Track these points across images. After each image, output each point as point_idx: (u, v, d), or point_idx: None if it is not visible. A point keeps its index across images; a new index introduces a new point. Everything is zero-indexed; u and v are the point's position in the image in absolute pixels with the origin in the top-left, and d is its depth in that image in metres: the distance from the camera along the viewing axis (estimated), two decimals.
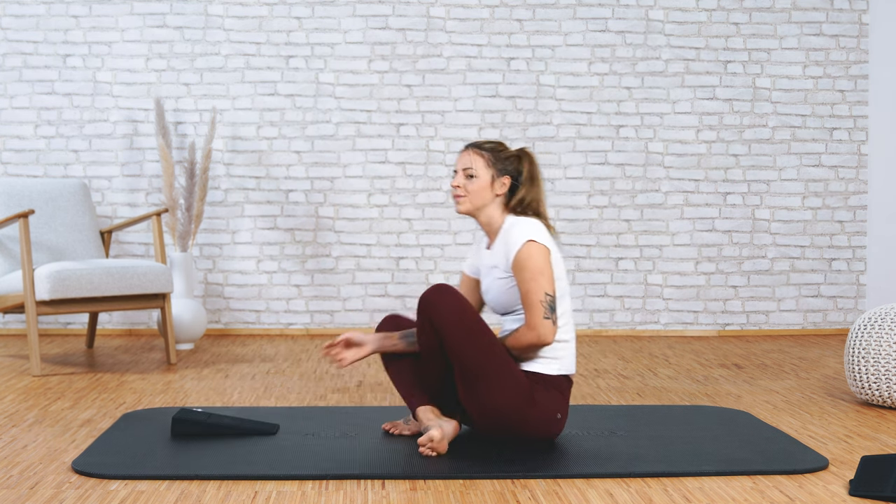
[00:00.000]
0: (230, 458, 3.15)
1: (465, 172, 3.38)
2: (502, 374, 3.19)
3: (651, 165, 6.27)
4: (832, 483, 2.94)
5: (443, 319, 3.17)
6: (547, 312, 3.21)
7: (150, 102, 6.12)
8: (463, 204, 3.39)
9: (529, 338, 3.23)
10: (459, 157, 3.41)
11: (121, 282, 4.89)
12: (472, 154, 3.38)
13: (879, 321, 3.99)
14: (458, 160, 3.41)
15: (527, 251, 3.23)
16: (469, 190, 3.36)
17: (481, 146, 3.39)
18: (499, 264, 3.34)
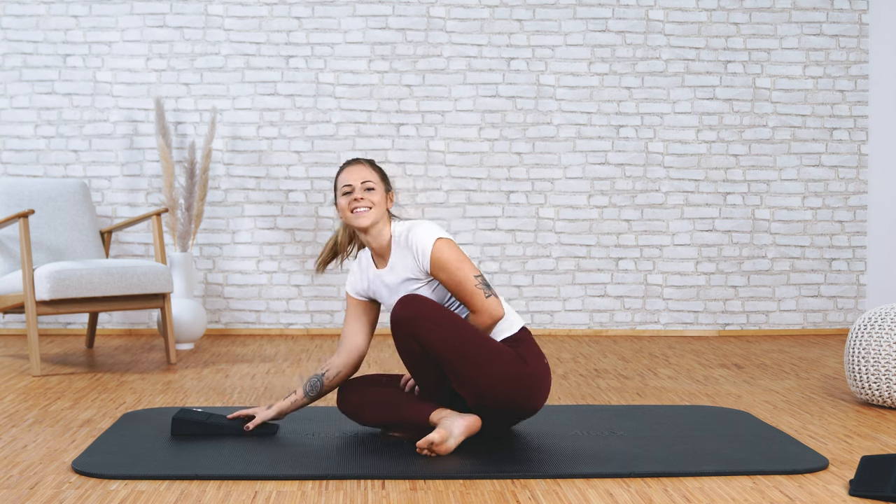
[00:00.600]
0: (230, 458, 3.15)
1: (363, 185, 3.33)
2: (489, 350, 3.24)
3: (651, 165, 6.27)
4: (832, 483, 2.94)
5: (425, 327, 3.17)
6: (487, 291, 3.28)
7: (150, 102, 6.12)
8: (368, 217, 3.32)
9: (484, 320, 3.29)
10: (347, 172, 3.35)
11: (121, 282, 4.89)
12: (367, 167, 3.36)
13: (879, 321, 3.99)
14: (345, 176, 3.35)
15: (439, 248, 3.28)
16: (374, 201, 3.32)
17: (371, 162, 3.41)
18: (412, 274, 3.33)
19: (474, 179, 6.23)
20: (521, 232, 6.24)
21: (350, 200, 3.32)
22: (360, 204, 3.31)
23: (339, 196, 3.36)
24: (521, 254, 6.24)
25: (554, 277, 6.25)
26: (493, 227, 6.24)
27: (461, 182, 6.22)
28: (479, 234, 6.24)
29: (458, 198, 6.22)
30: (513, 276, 6.24)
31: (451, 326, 3.19)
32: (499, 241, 6.24)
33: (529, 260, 6.25)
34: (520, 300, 6.24)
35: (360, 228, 3.33)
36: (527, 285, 6.24)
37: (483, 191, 6.23)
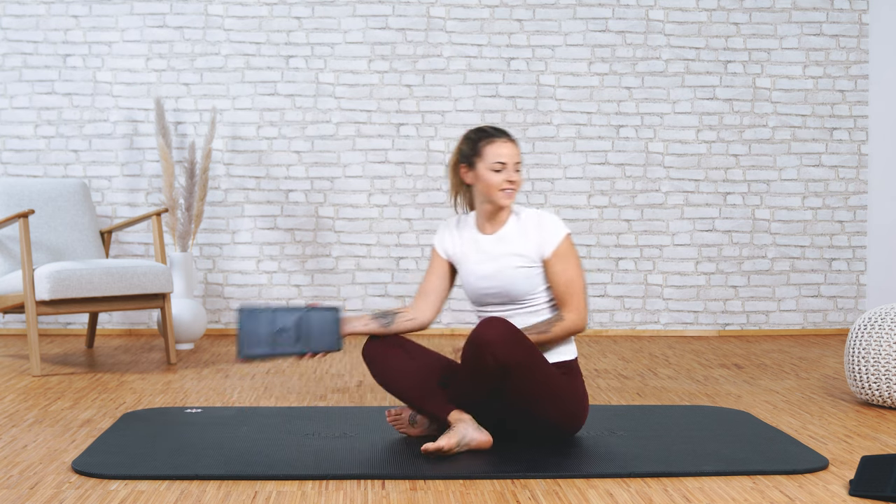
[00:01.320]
0: (230, 458, 3.15)
1: (515, 166, 3.33)
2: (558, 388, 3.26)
3: (651, 165, 6.27)
4: (832, 483, 2.94)
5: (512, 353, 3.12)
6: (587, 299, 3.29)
7: (150, 102, 6.12)
8: (512, 198, 3.34)
9: (577, 323, 3.30)
10: (501, 146, 3.32)
11: (121, 282, 4.89)
12: (516, 147, 3.34)
13: (879, 321, 3.99)
14: (500, 150, 3.31)
15: (567, 240, 3.32)
16: (518, 183, 3.35)
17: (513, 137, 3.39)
18: (524, 252, 3.33)
19: None
20: None
21: (503, 180, 3.30)
22: (512, 186, 3.31)
23: (484, 167, 3.32)
24: None
25: None
26: None
27: None
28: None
29: None
30: None
31: (538, 358, 3.19)
32: None
33: None
34: None
35: (501, 206, 3.33)
36: None
37: None
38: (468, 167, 3.38)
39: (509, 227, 3.39)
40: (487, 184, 3.32)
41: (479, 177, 3.34)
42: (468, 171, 3.38)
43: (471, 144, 3.37)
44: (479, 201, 3.41)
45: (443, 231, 3.52)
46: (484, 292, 3.38)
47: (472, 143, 3.36)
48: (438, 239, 3.52)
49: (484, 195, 3.36)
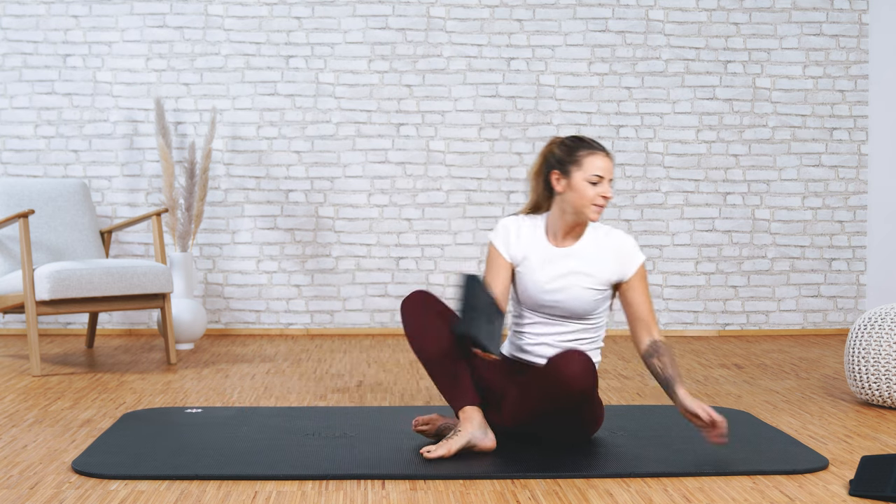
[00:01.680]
0: (230, 458, 3.15)
1: (610, 182, 3.21)
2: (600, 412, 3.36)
3: (651, 165, 6.27)
4: (832, 483, 2.94)
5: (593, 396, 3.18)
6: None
7: (150, 102, 6.12)
8: (600, 214, 3.23)
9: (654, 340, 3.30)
10: (601, 159, 3.20)
11: (121, 282, 4.89)
12: (612, 162, 3.22)
13: (879, 321, 3.99)
14: (600, 163, 3.19)
15: (644, 267, 3.31)
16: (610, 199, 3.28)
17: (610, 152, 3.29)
18: (597, 274, 3.26)
19: (474, 179, 6.23)
20: None
21: (597, 194, 3.19)
22: (604, 202, 3.21)
23: (581, 177, 3.19)
24: None
25: None
26: (494, 228, 6.23)
27: (461, 182, 6.22)
28: (479, 234, 6.23)
29: (458, 198, 6.22)
30: None
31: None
32: None
33: None
34: None
35: (589, 219, 3.22)
36: None
37: (483, 191, 6.23)
38: (562, 174, 3.23)
39: (584, 244, 3.29)
40: (581, 195, 3.19)
41: (573, 186, 3.20)
42: (561, 179, 3.23)
43: (568, 151, 3.23)
44: (560, 211, 3.27)
45: (505, 231, 3.35)
46: (543, 303, 3.29)
47: (570, 151, 3.23)
48: (502, 240, 3.35)
49: (572, 206, 3.22)
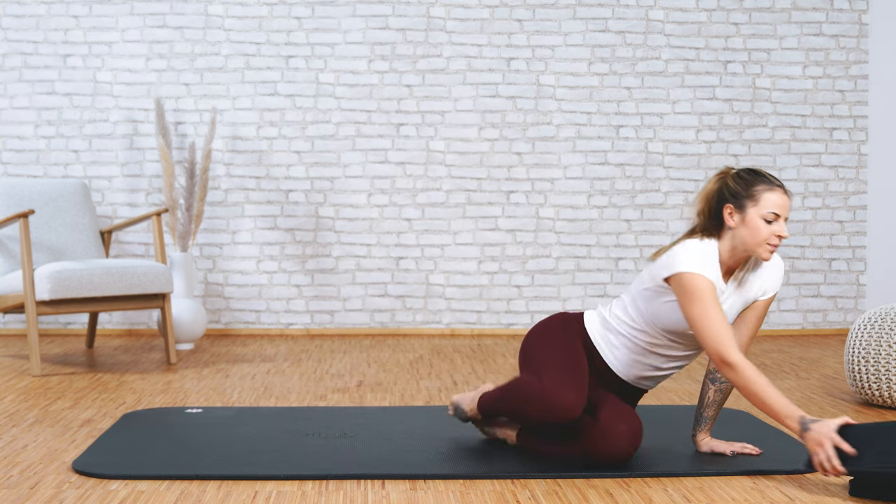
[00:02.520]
0: (230, 458, 3.15)
1: (786, 220, 3.05)
2: None
3: (651, 165, 6.27)
4: (832, 483, 2.94)
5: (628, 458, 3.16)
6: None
7: (150, 102, 6.12)
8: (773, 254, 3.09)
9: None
10: (779, 196, 3.02)
11: (121, 282, 4.89)
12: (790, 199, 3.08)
13: (879, 321, 3.99)
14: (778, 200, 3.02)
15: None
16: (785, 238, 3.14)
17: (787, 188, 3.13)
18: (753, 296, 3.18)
19: (474, 179, 6.23)
20: (521, 232, 6.24)
21: (772, 233, 3.01)
22: (778, 242, 3.04)
23: (757, 214, 3.01)
24: (521, 254, 6.24)
25: (554, 277, 6.25)
26: (493, 227, 6.24)
27: (461, 182, 6.22)
28: (479, 234, 6.24)
29: (458, 198, 6.22)
30: (513, 276, 6.24)
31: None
32: (499, 241, 6.24)
33: (529, 260, 6.25)
34: (520, 300, 6.24)
35: (762, 259, 3.05)
36: (527, 285, 6.24)
37: (483, 191, 6.23)
38: (736, 209, 3.04)
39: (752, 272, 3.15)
40: (755, 233, 3.01)
41: (748, 223, 3.02)
42: (734, 214, 3.05)
43: (744, 185, 3.05)
44: (731, 247, 3.07)
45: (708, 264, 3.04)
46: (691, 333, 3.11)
47: (747, 185, 3.05)
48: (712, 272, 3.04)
49: (744, 244, 3.04)
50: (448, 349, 5.62)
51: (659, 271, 3.07)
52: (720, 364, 2.97)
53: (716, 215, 3.10)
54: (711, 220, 3.12)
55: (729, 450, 3.20)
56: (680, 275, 3.00)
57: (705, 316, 2.96)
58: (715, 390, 3.24)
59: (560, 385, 3.00)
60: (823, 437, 2.81)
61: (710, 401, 3.24)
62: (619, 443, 3.00)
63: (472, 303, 6.23)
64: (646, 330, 3.13)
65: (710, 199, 3.12)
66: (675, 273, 3.01)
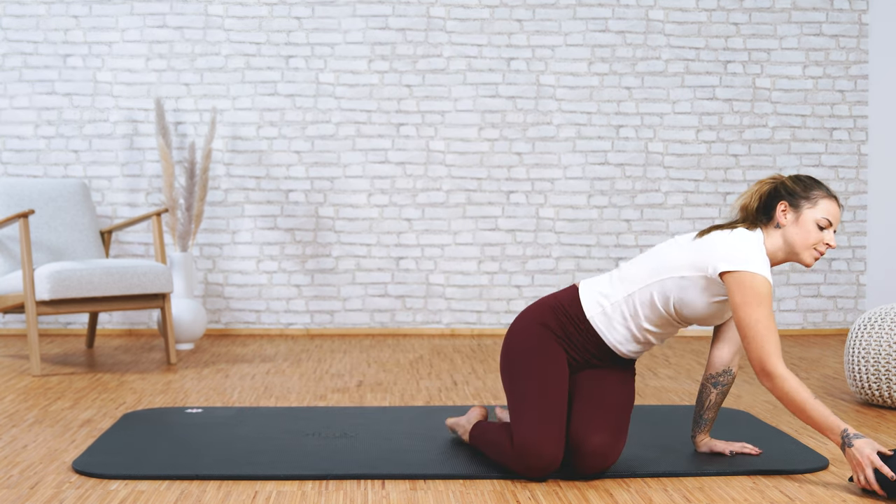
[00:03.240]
0: (230, 458, 3.15)
1: (834, 230, 3.03)
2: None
3: (651, 165, 6.27)
4: (832, 483, 2.94)
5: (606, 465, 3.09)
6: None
7: (150, 102, 6.12)
8: (815, 262, 3.04)
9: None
10: (834, 206, 3.00)
11: (121, 282, 4.89)
12: (841, 213, 3.07)
13: (879, 321, 3.99)
14: (832, 209, 3.00)
15: None
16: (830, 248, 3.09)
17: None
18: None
19: (474, 179, 6.23)
20: (521, 232, 6.24)
21: (822, 240, 2.98)
22: (825, 250, 3.00)
23: (812, 216, 2.99)
24: (521, 254, 6.24)
25: (554, 277, 6.25)
26: (493, 227, 6.24)
27: (461, 182, 6.22)
28: (479, 234, 6.23)
29: (458, 198, 6.22)
30: (513, 276, 6.24)
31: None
32: (499, 241, 6.24)
33: (529, 260, 6.24)
34: (520, 300, 6.24)
35: (804, 264, 3.01)
36: (527, 285, 6.24)
37: (483, 191, 6.23)
38: (792, 207, 3.02)
39: None
40: (805, 235, 2.98)
41: (801, 224, 2.99)
42: (788, 212, 3.02)
43: (803, 187, 3.03)
44: (774, 242, 3.03)
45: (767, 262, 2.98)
46: (714, 323, 3.15)
47: (805, 187, 3.03)
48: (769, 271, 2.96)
49: (790, 245, 3.00)
50: (448, 349, 5.62)
51: (715, 263, 2.92)
52: (760, 372, 2.89)
53: (766, 211, 3.05)
54: (760, 216, 3.06)
55: (728, 450, 3.20)
56: (743, 273, 2.88)
57: (759, 322, 2.86)
58: (717, 393, 3.23)
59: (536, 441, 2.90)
60: (864, 458, 2.78)
61: (712, 403, 3.24)
62: (591, 462, 2.93)
63: (472, 303, 6.23)
64: (660, 318, 3.04)
65: (762, 195, 3.07)
66: (738, 270, 2.88)
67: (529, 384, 3.01)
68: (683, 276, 2.98)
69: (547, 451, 2.89)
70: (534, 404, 2.96)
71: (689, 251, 2.99)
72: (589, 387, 3.07)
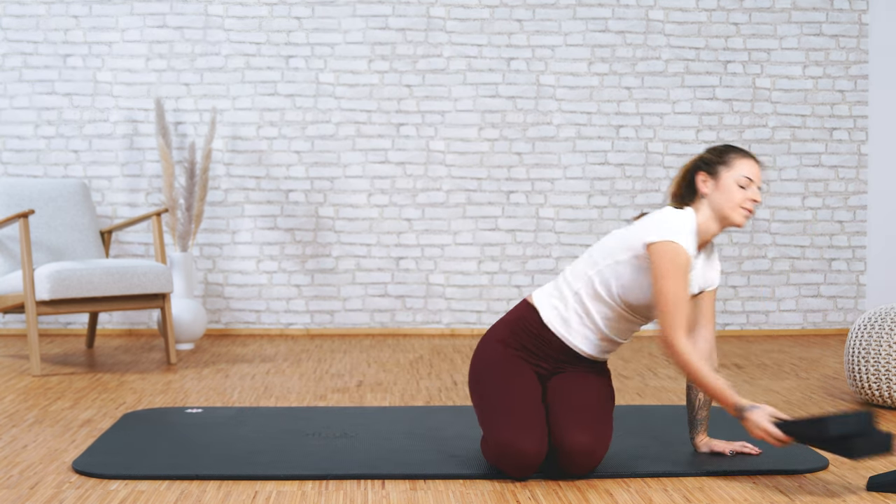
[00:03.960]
0: (230, 458, 3.15)
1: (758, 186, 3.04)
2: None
3: (651, 165, 6.27)
4: (832, 483, 2.94)
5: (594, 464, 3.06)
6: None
7: (150, 102, 6.12)
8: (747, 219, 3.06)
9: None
10: (750, 165, 3.03)
11: (121, 282, 4.89)
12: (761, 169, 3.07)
13: (879, 321, 3.99)
14: (749, 168, 3.03)
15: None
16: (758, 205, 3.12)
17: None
18: (708, 282, 3.18)
19: (474, 179, 6.23)
20: (521, 232, 6.24)
21: (747, 198, 3.00)
22: (753, 206, 3.02)
23: (730, 177, 3.01)
24: (521, 254, 6.24)
25: (553, 277, 6.25)
26: (493, 227, 6.24)
27: (461, 182, 6.22)
28: (479, 234, 6.24)
29: (458, 198, 6.22)
30: (513, 276, 6.24)
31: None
32: (499, 241, 6.24)
33: (529, 260, 6.25)
34: (520, 300, 6.24)
35: (736, 225, 3.03)
36: (526, 285, 6.24)
37: (483, 191, 6.23)
38: (709, 175, 3.04)
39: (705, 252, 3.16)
40: (728, 197, 3.01)
41: (721, 187, 3.02)
42: (708, 180, 3.04)
43: (718, 154, 3.07)
44: (705, 214, 3.06)
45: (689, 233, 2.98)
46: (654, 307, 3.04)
47: (720, 154, 3.07)
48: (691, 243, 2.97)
49: (717, 208, 3.03)
50: (448, 349, 5.63)
51: (643, 237, 2.95)
52: (663, 343, 2.93)
53: (691, 188, 3.10)
54: (686, 192, 3.10)
55: (728, 449, 3.20)
56: (667, 244, 2.91)
57: (673, 294, 2.90)
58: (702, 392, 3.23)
59: (514, 439, 2.90)
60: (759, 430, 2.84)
61: (701, 403, 3.24)
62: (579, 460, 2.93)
63: (472, 303, 6.23)
64: (611, 310, 3.05)
65: (685, 175, 3.12)
66: (663, 240, 2.91)
67: (498, 393, 3.03)
68: (618, 261, 3.01)
69: (528, 448, 2.89)
70: (507, 410, 2.97)
71: (621, 235, 3.05)
72: (562, 389, 3.07)
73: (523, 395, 3.02)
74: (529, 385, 3.05)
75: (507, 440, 2.91)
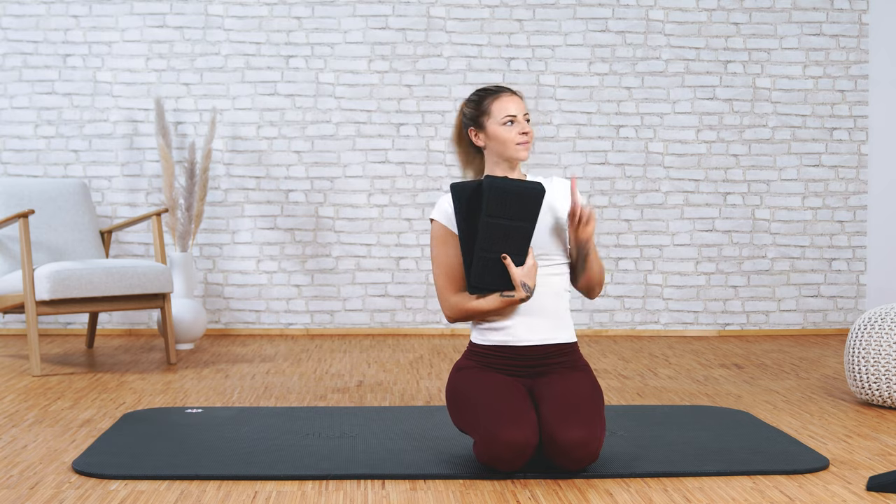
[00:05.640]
0: (230, 458, 3.15)
1: (525, 117, 3.14)
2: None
3: (651, 165, 6.27)
4: (832, 483, 2.94)
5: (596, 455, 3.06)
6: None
7: (150, 102, 6.12)
8: (528, 150, 3.15)
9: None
10: (507, 101, 3.14)
11: (121, 282, 4.89)
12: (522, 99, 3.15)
13: (879, 321, 3.99)
14: (506, 105, 3.13)
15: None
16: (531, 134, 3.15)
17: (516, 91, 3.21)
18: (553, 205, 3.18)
19: None
20: None
21: (517, 133, 3.11)
22: (527, 138, 3.11)
23: (495, 123, 3.12)
24: None
25: None
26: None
27: None
28: None
29: None
30: None
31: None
32: None
33: None
34: None
35: (520, 159, 3.13)
36: None
37: None
38: (477, 129, 3.17)
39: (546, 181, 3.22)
40: (502, 140, 3.12)
41: (492, 135, 3.14)
42: (478, 134, 3.17)
43: (475, 106, 3.18)
44: (492, 163, 3.19)
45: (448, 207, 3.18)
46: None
47: (477, 104, 3.18)
48: (445, 213, 3.18)
49: (498, 154, 3.16)
50: (448, 349, 5.62)
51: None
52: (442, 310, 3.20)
53: (471, 146, 3.25)
54: (472, 154, 3.26)
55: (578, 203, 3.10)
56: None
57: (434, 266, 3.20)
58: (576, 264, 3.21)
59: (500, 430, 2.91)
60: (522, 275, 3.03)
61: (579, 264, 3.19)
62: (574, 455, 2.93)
63: None
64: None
65: (459, 136, 3.27)
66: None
67: (477, 397, 3.04)
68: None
69: (515, 436, 2.89)
70: (489, 406, 2.98)
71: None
72: (548, 388, 3.08)
73: (503, 390, 3.04)
74: (507, 382, 3.08)
75: (493, 431, 2.91)
